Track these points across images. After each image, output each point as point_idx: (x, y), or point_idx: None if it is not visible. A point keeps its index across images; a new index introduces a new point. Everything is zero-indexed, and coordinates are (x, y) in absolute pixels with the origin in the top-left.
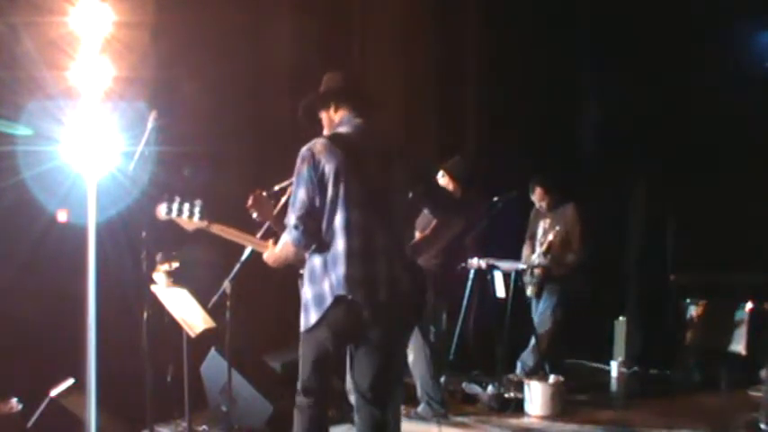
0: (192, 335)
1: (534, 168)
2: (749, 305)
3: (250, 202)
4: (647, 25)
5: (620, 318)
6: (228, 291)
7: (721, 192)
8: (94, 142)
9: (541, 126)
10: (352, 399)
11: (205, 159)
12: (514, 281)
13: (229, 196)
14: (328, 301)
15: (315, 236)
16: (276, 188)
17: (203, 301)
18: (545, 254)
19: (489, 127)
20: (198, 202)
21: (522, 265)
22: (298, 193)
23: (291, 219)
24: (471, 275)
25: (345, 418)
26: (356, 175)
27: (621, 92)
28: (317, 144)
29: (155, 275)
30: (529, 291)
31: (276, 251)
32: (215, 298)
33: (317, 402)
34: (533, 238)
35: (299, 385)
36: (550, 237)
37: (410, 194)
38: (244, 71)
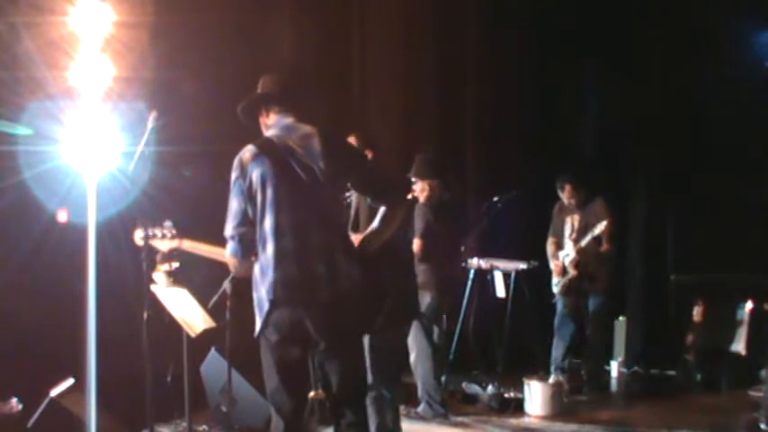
0: (192, 335)
1: (534, 168)
2: (749, 305)
3: None
4: (648, 25)
5: (620, 318)
6: (228, 291)
7: (721, 192)
8: (94, 142)
9: (541, 126)
10: None
11: (205, 159)
12: (514, 281)
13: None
14: (266, 306)
15: (252, 244)
16: None
17: (203, 301)
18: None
19: (489, 127)
20: (167, 224)
21: (522, 265)
22: (231, 205)
23: (227, 230)
24: (471, 275)
25: None
26: (284, 177)
27: (621, 92)
28: (246, 152)
29: (155, 275)
30: (557, 288)
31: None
32: (215, 298)
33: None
34: (558, 235)
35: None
36: (596, 231)
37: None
38: (244, 71)
